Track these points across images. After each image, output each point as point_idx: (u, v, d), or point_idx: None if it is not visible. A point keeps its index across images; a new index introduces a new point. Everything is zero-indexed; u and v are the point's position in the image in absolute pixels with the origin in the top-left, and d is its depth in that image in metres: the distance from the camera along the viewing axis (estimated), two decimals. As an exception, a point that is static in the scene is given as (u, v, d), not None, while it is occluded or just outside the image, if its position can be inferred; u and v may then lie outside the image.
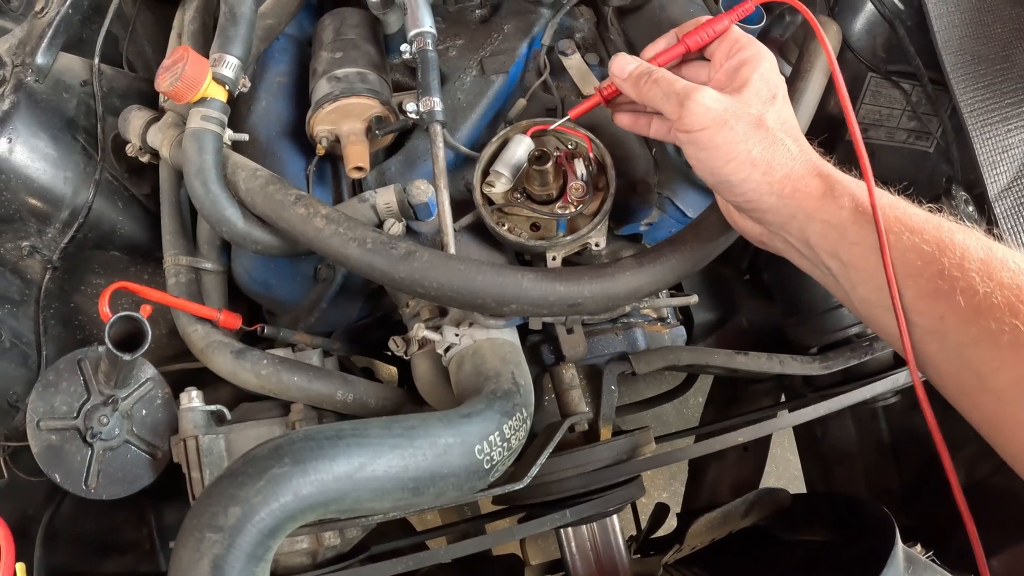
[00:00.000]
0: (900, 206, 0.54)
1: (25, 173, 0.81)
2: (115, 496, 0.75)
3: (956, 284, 0.48)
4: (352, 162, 0.71)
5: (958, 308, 0.48)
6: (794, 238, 0.57)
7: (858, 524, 0.86)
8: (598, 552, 0.81)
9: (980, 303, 0.47)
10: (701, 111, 0.55)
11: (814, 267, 0.58)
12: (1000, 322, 0.46)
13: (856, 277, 0.54)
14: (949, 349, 0.50)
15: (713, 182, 0.58)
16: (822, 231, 0.55)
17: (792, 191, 0.55)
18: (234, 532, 0.52)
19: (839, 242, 0.54)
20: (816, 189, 0.55)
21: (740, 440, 0.76)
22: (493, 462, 0.61)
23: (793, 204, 0.55)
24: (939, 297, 0.49)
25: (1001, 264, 0.48)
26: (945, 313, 0.49)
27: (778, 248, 0.60)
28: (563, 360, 0.76)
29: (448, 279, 0.61)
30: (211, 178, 0.69)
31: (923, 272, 0.50)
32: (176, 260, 0.78)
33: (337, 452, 0.54)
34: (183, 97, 0.69)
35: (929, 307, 0.50)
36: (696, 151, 0.56)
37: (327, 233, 0.64)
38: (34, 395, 0.75)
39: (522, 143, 0.72)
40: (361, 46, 0.76)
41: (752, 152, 0.55)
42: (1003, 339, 0.46)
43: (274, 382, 0.70)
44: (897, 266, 0.51)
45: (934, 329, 0.50)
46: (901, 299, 0.51)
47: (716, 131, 0.55)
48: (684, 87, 0.56)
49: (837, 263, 0.55)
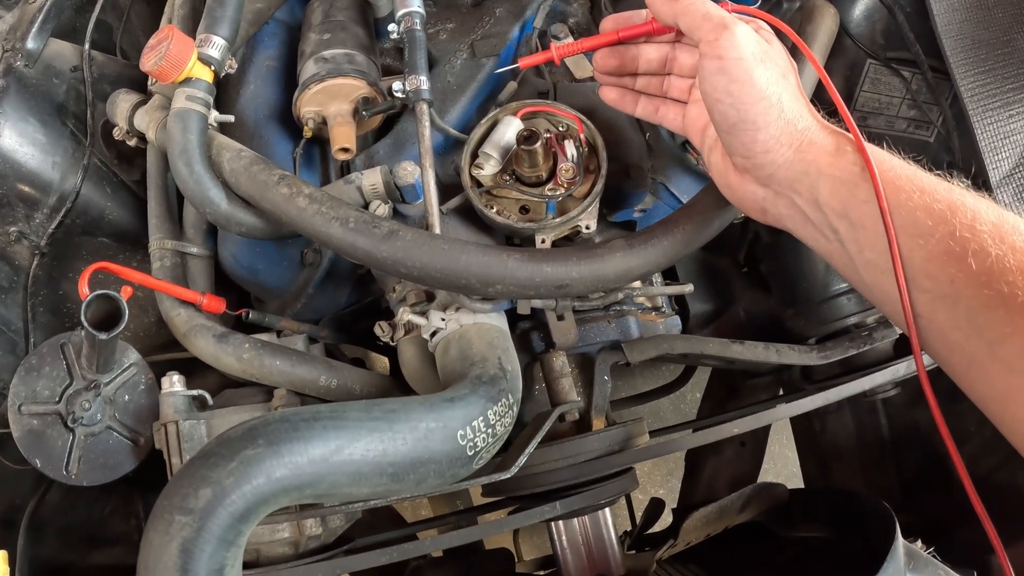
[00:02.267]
0: (911, 167, 0.51)
1: (13, 158, 0.79)
2: (96, 482, 0.73)
3: (967, 246, 0.45)
4: (338, 143, 0.69)
5: (969, 271, 0.45)
6: (803, 198, 0.54)
7: (857, 520, 0.83)
8: (590, 546, 0.78)
9: (992, 266, 0.44)
10: (743, 40, 0.52)
11: (819, 233, 0.54)
12: (1013, 285, 0.43)
13: (864, 239, 0.51)
14: (959, 316, 0.46)
15: (734, 121, 0.53)
16: (832, 188, 0.52)
17: (809, 144, 0.53)
18: (204, 515, 0.49)
19: (849, 200, 0.51)
20: (830, 145, 0.53)
21: (736, 431, 0.73)
22: (477, 448, 0.58)
23: (807, 159, 0.53)
24: (950, 259, 0.46)
25: (1012, 228, 0.46)
26: (956, 276, 0.46)
27: (780, 215, 0.56)
28: (553, 347, 0.73)
29: (431, 258, 0.58)
30: (195, 158, 0.67)
31: (934, 232, 0.47)
32: (161, 244, 0.76)
33: (313, 434, 0.52)
34: (168, 77, 0.67)
35: (939, 269, 0.47)
36: (727, 82, 0.52)
37: (310, 213, 0.61)
38: (16, 379, 0.73)
39: (511, 124, 0.69)
40: (350, 28, 0.74)
41: (783, 98, 0.52)
42: (1016, 303, 0.43)
43: (256, 366, 0.68)
44: (907, 226, 0.48)
45: (944, 294, 0.47)
46: (909, 262, 0.48)
47: (754, 65, 0.52)
48: (725, 15, 0.54)
49: (846, 224, 0.52)
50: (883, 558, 0.69)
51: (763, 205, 0.57)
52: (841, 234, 0.53)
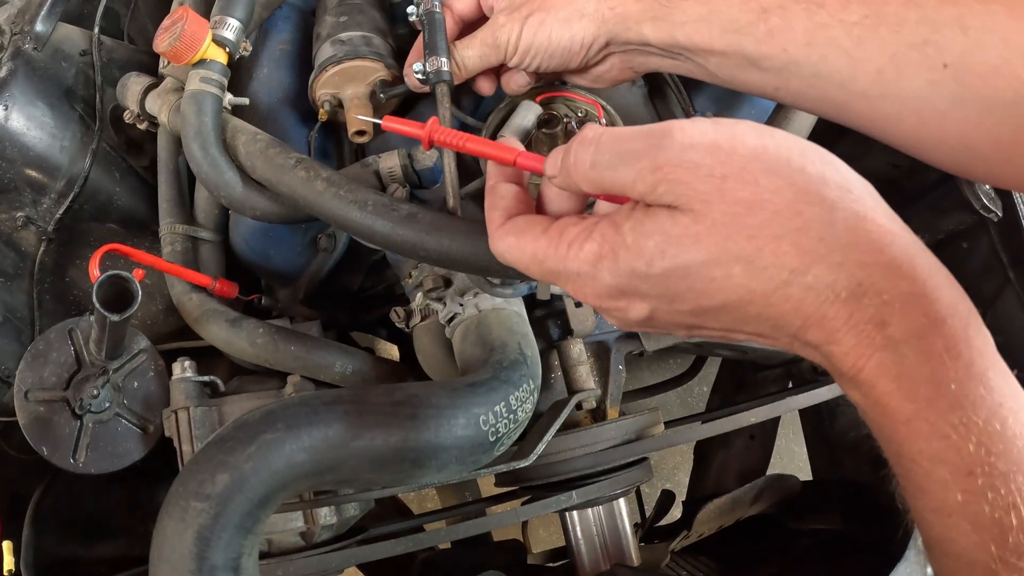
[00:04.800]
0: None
1: (21, 141, 0.77)
2: (104, 470, 0.70)
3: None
4: (355, 126, 0.67)
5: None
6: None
7: (870, 511, 0.81)
8: (604, 537, 0.76)
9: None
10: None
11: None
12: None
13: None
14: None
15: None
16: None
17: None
18: (222, 501, 0.46)
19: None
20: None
21: (753, 420, 0.71)
22: (499, 434, 0.56)
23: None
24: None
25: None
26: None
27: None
28: (571, 335, 0.71)
29: (452, 241, 0.56)
30: (210, 141, 0.64)
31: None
32: (172, 228, 0.73)
33: (334, 418, 0.49)
34: (182, 58, 0.65)
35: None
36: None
37: (327, 196, 0.59)
38: (23, 365, 0.70)
39: (531, 109, 0.67)
40: (366, 11, 0.72)
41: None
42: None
43: (270, 351, 0.65)
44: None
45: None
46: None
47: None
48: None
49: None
50: (900, 548, 0.67)
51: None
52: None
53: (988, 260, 0.83)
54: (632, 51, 0.57)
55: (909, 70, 0.42)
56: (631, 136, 0.37)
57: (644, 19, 0.53)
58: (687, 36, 0.51)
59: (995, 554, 0.31)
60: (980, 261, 0.85)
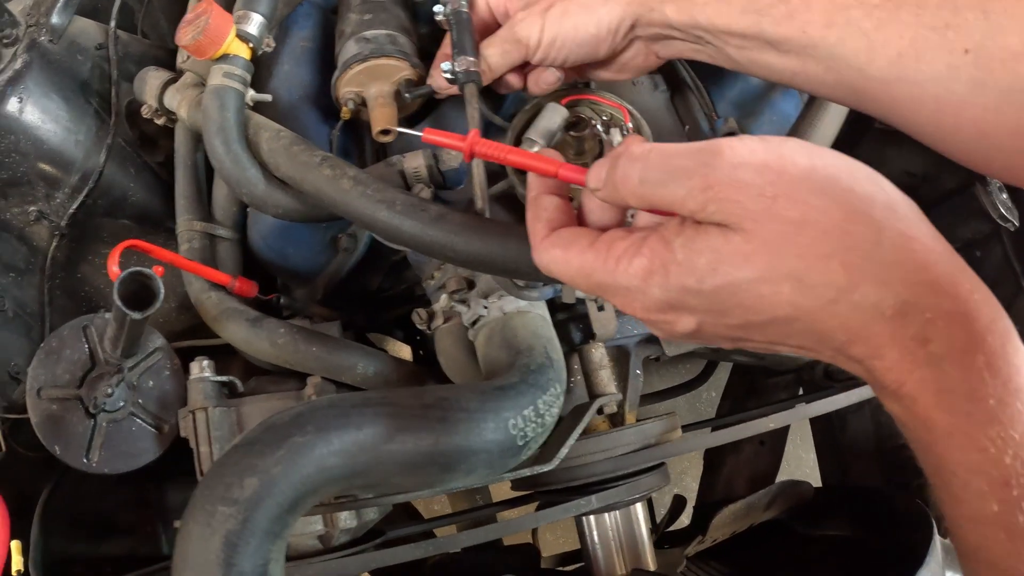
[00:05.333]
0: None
1: (35, 134, 0.75)
2: (117, 471, 0.68)
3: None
4: (379, 125, 0.65)
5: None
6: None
7: (884, 518, 0.80)
8: (621, 541, 0.75)
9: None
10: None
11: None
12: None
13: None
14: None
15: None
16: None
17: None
18: (250, 506, 0.45)
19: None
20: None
21: (772, 425, 0.71)
22: (527, 438, 0.54)
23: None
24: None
25: None
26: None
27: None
28: (592, 339, 0.70)
29: (483, 243, 0.55)
30: (232, 137, 0.63)
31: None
32: (190, 225, 0.71)
33: (364, 421, 0.48)
34: (205, 52, 0.63)
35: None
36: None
37: (354, 195, 0.58)
38: (35, 362, 0.68)
39: (557, 112, 0.66)
40: (391, 9, 0.70)
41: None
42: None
43: (291, 351, 0.64)
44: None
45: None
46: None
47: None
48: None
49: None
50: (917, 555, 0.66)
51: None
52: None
53: (1001, 269, 0.83)
54: (655, 35, 0.57)
55: (929, 54, 0.42)
56: (680, 153, 0.36)
57: (667, 1, 0.53)
58: (708, 17, 0.51)
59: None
60: (993, 270, 0.85)
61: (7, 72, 0.74)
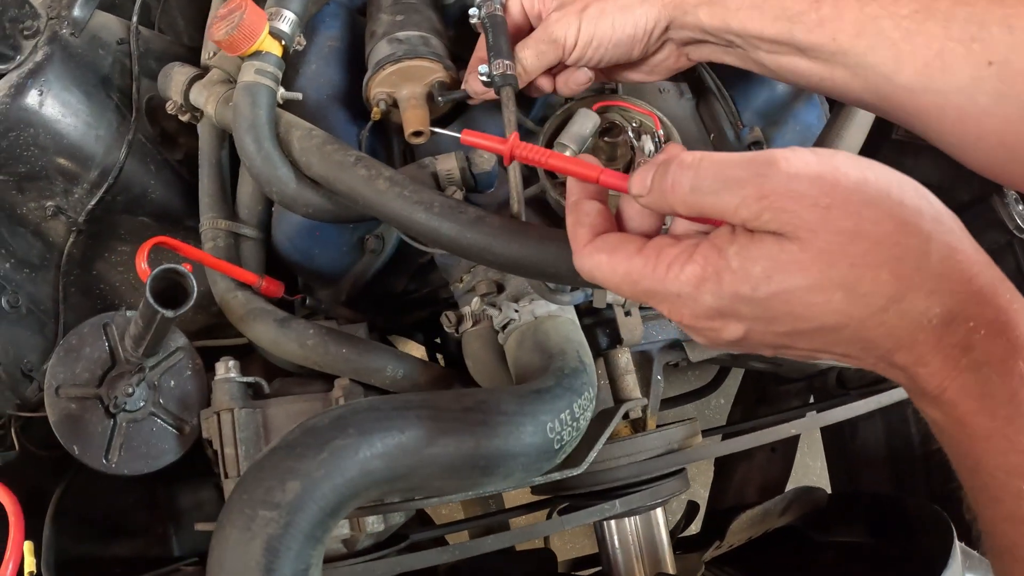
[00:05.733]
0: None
1: (55, 128, 0.73)
2: (137, 472, 0.67)
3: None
4: (412, 126, 0.65)
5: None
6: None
7: (898, 524, 0.81)
8: (640, 546, 0.74)
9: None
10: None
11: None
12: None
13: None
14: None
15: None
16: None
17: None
18: (292, 510, 0.44)
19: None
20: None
21: (793, 431, 0.71)
22: (563, 442, 0.54)
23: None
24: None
25: None
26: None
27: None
28: (619, 344, 0.70)
29: (522, 246, 0.54)
30: (264, 134, 0.62)
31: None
32: (215, 224, 0.70)
33: (406, 423, 0.47)
34: (238, 48, 0.62)
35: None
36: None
37: (391, 195, 0.57)
38: (54, 360, 0.67)
39: (589, 117, 0.66)
40: (423, 11, 0.70)
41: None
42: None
43: (321, 353, 0.63)
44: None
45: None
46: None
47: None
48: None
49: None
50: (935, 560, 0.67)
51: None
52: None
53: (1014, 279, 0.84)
54: (688, 39, 0.58)
55: (954, 65, 0.43)
56: (734, 163, 0.37)
57: (700, 4, 0.54)
58: (740, 23, 0.52)
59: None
60: (1007, 280, 0.85)
61: (27, 64, 0.72)
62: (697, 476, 1.37)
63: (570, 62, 0.61)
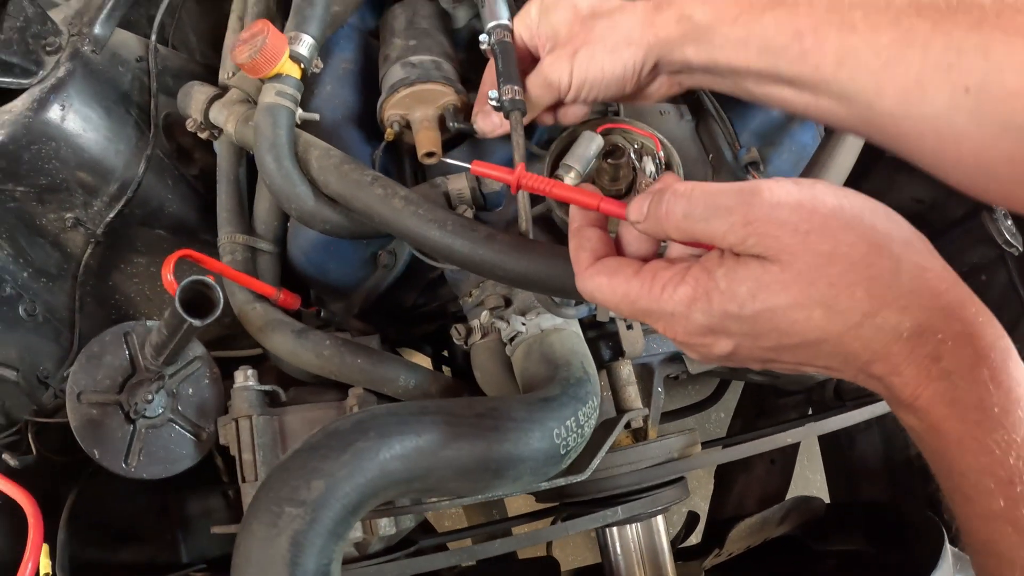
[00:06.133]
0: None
1: (76, 142, 0.78)
2: (155, 476, 0.71)
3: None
4: (424, 147, 0.70)
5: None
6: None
7: (895, 532, 0.85)
8: (642, 554, 0.79)
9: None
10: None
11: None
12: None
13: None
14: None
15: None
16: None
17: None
18: (317, 507, 0.49)
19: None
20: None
21: (789, 440, 0.76)
22: (568, 447, 0.59)
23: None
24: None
25: None
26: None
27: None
28: (622, 356, 0.75)
29: (531, 263, 0.59)
30: (284, 153, 0.67)
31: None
32: (233, 238, 0.75)
33: (423, 428, 0.52)
34: (260, 71, 0.68)
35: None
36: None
37: (406, 214, 0.62)
38: (77, 366, 0.71)
39: (592, 140, 0.71)
40: (434, 36, 0.76)
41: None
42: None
43: (337, 363, 0.68)
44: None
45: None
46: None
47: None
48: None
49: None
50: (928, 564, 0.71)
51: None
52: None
53: (1005, 292, 0.90)
54: (678, 70, 0.61)
55: (932, 91, 0.46)
56: (722, 192, 0.42)
57: (686, 42, 0.57)
58: (726, 57, 0.55)
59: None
60: (997, 293, 0.91)
61: (50, 79, 0.78)
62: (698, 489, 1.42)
63: (567, 100, 0.65)
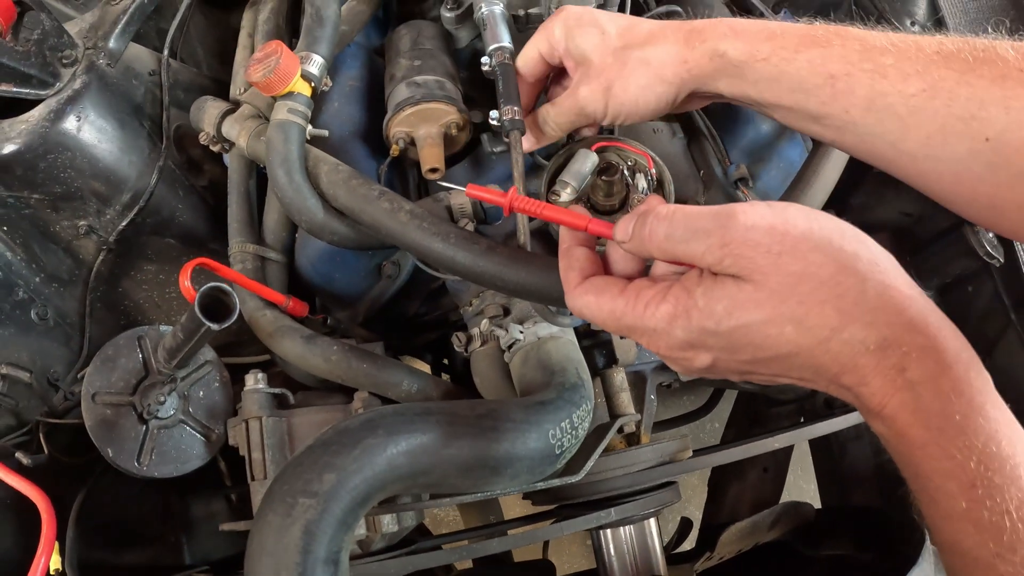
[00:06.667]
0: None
1: (91, 153, 0.85)
2: (167, 475, 0.78)
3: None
4: (428, 163, 0.77)
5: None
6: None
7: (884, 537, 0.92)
8: (635, 555, 0.86)
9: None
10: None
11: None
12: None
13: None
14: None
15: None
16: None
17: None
18: (328, 498, 0.55)
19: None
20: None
21: (777, 445, 0.83)
22: (563, 448, 0.66)
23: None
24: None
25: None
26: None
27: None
28: (615, 364, 0.82)
29: (529, 274, 0.66)
30: (295, 168, 0.74)
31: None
32: (243, 247, 0.82)
33: (427, 427, 0.59)
34: (273, 89, 0.75)
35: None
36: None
37: (411, 227, 0.69)
38: (91, 368, 0.78)
39: (588, 157, 0.78)
40: (438, 56, 0.83)
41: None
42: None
43: (344, 368, 0.74)
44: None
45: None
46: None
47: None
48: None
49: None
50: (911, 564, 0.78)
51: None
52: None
53: (991, 303, 0.95)
54: (708, 96, 0.68)
55: (954, 139, 0.52)
56: (701, 215, 0.48)
57: (719, 77, 0.62)
58: (759, 92, 0.61)
59: (993, 550, 0.42)
60: (984, 304, 0.97)
61: (66, 91, 0.84)
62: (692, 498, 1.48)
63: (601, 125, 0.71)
